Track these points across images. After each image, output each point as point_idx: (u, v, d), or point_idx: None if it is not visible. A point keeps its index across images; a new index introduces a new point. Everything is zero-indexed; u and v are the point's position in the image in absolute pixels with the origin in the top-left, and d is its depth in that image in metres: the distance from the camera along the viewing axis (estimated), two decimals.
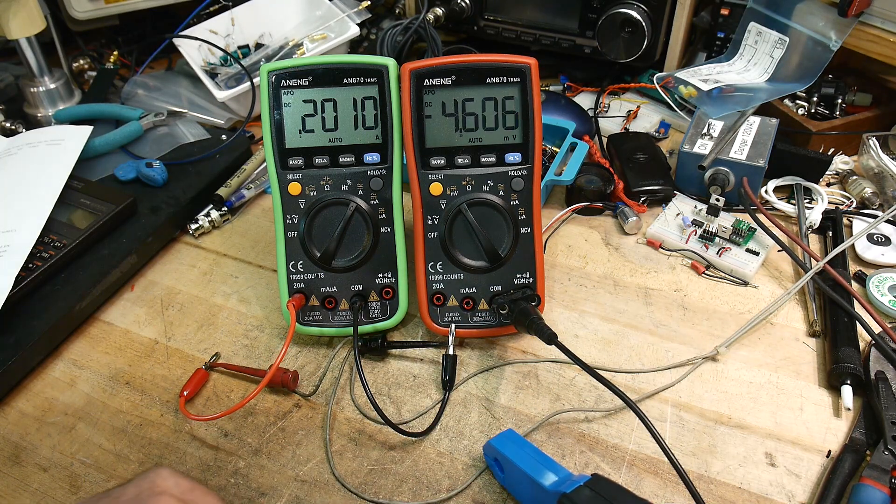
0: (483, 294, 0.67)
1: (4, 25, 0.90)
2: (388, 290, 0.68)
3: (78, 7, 1.04)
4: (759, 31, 0.93)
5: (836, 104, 0.92)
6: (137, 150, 0.90)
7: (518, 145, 0.65)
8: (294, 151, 0.65)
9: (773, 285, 0.75)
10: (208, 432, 0.62)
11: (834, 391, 0.64)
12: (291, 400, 0.65)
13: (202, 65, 1.01)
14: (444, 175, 0.65)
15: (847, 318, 0.67)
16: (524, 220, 0.66)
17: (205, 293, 0.76)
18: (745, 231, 0.77)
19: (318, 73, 0.64)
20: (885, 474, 0.55)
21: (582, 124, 0.94)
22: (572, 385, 0.65)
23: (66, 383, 0.67)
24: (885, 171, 0.82)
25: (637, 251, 0.80)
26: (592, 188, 0.84)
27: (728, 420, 0.62)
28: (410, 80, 0.63)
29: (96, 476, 0.59)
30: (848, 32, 0.86)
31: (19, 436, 0.63)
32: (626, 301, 0.74)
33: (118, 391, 0.66)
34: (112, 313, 0.74)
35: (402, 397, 0.65)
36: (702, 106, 0.88)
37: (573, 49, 1.04)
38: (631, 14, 0.95)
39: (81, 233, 0.75)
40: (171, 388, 0.66)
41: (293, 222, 0.67)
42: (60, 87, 0.99)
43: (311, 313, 0.69)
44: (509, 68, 0.63)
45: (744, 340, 0.69)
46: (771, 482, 0.57)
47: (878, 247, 0.77)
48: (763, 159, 0.80)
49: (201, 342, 0.71)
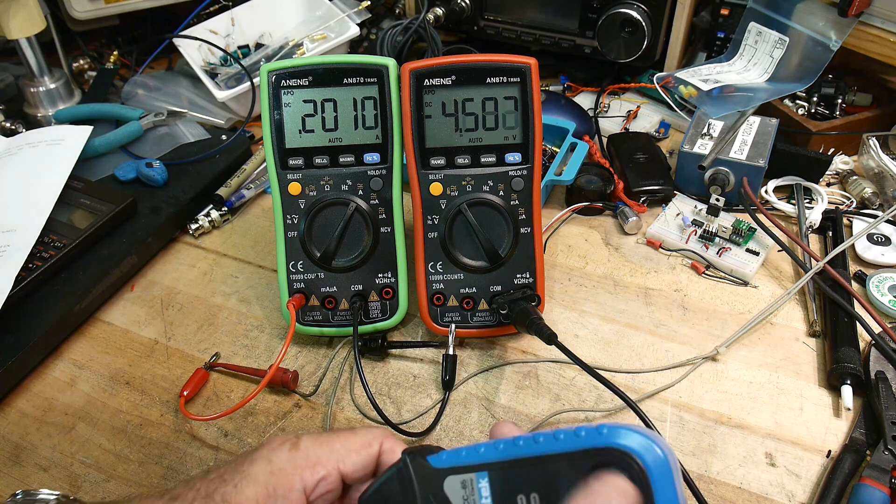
0: (483, 294, 0.67)
1: (4, 25, 0.90)
2: (388, 290, 0.68)
3: (78, 7, 1.04)
4: (759, 31, 0.93)
5: (836, 104, 0.92)
6: (137, 150, 0.90)
7: (518, 145, 0.65)
8: (294, 151, 0.65)
9: (773, 285, 0.75)
10: (208, 432, 0.62)
11: (834, 391, 0.64)
12: (291, 400, 0.65)
13: (202, 65, 1.01)
14: (444, 175, 0.65)
15: (847, 318, 0.67)
16: (524, 220, 0.66)
17: (205, 293, 0.76)
18: (745, 231, 0.77)
19: (318, 73, 0.64)
20: (885, 474, 0.55)
21: (582, 124, 0.94)
22: (572, 385, 0.65)
23: (66, 383, 0.67)
24: (885, 171, 0.82)
25: (637, 251, 0.80)
26: (592, 188, 0.84)
27: (728, 420, 0.62)
28: (410, 80, 0.63)
29: (96, 476, 0.59)
30: (848, 32, 0.86)
31: (19, 436, 0.63)
32: (626, 301, 0.74)
33: (118, 391, 0.66)
34: (112, 313, 0.74)
35: (402, 397, 0.65)
36: (702, 106, 0.88)
37: (573, 49, 1.04)
38: (631, 14, 0.95)
39: (81, 233, 0.75)
40: (171, 388, 0.66)
41: (293, 222, 0.67)
42: (60, 87, 0.98)
43: (311, 313, 0.69)
44: (509, 68, 0.63)
45: (744, 340, 0.69)
46: (771, 482, 0.57)
47: (878, 247, 0.77)
48: (763, 159, 0.80)
49: (201, 342, 0.71)
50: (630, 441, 0.32)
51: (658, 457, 0.32)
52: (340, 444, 0.42)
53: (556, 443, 0.34)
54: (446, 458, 0.38)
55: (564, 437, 0.34)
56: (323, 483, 0.41)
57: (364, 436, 0.43)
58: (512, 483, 0.35)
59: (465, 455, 0.37)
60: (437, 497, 0.37)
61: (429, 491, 0.37)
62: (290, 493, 0.39)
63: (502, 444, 0.36)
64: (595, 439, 0.33)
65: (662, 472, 0.32)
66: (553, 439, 0.34)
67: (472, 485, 0.36)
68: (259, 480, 0.40)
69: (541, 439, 0.35)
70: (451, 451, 0.38)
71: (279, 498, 0.39)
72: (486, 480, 0.36)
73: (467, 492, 0.36)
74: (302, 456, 0.41)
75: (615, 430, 0.33)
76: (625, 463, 0.32)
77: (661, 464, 0.32)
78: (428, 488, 0.37)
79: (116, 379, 0.67)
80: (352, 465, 0.41)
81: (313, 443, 0.42)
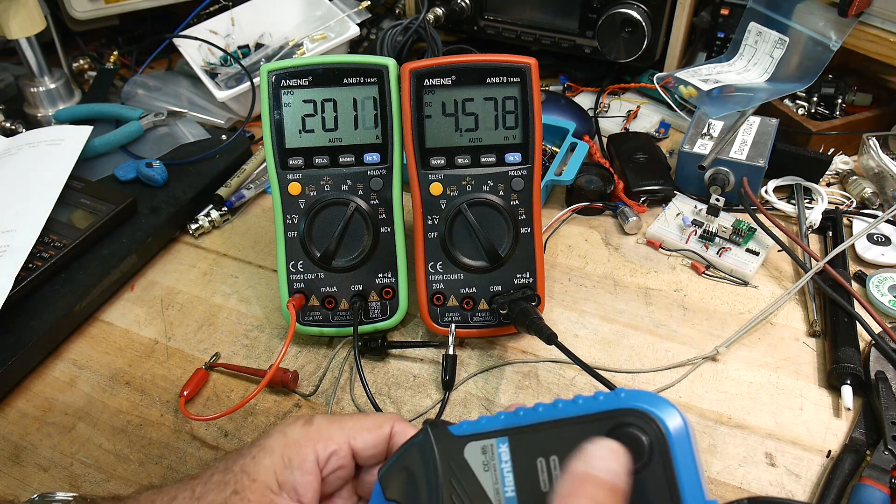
0: (483, 294, 0.67)
1: (4, 25, 0.90)
2: (388, 290, 0.68)
3: (78, 7, 1.04)
4: (759, 31, 0.93)
5: (836, 104, 0.92)
6: (137, 150, 0.90)
7: (518, 145, 0.65)
8: (294, 151, 0.65)
9: (773, 285, 0.75)
10: (208, 432, 0.62)
11: (834, 391, 0.64)
12: (291, 400, 0.65)
13: (202, 65, 1.01)
14: (444, 175, 0.65)
15: (847, 318, 0.67)
16: (524, 220, 0.66)
17: (205, 293, 0.76)
18: (745, 231, 0.77)
19: (318, 73, 0.64)
20: (885, 474, 0.55)
21: (582, 124, 0.94)
22: (572, 385, 0.65)
23: (66, 383, 0.67)
24: (885, 171, 0.82)
25: (637, 251, 0.80)
26: (592, 188, 0.84)
27: (728, 420, 0.62)
28: (410, 80, 0.63)
29: (96, 476, 0.59)
30: (848, 32, 0.86)
31: (19, 436, 0.63)
32: (626, 301, 0.74)
33: (118, 391, 0.66)
34: (112, 313, 0.74)
35: (402, 397, 0.65)
36: (702, 106, 0.88)
37: (573, 49, 1.04)
38: (631, 14, 0.95)
39: (81, 233, 0.75)
40: (171, 388, 0.66)
41: (293, 222, 0.67)
42: (60, 87, 0.98)
43: (311, 313, 0.69)
44: (509, 68, 0.63)
45: (744, 340, 0.69)
46: (771, 482, 0.57)
47: (878, 247, 0.77)
48: (763, 159, 0.80)
49: (201, 342, 0.71)
50: (649, 403, 0.33)
51: (677, 421, 0.32)
52: (352, 423, 0.44)
53: (574, 407, 0.35)
54: (466, 427, 0.38)
55: (583, 401, 0.34)
56: (335, 457, 0.42)
57: (375, 418, 0.44)
58: (531, 447, 0.36)
59: (486, 423, 0.38)
60: (457, 463, 0.37)
61: (449, 457, 0.38)
62: (305, 464, 0.41)
63: (522, 412, 0.37)
64: (614, 401, 0.33)
65: (681, 436, 0.32)
66: (572, 404, 0.35)
67: (493, 450, 0.37)
68: (275, 451, 0.42)
69: (560, 405, 0.35)
70: (470, 421, 0.39)
71: (294, 468, 0.41)
72: (506, 445, 0.36)
73: (487, 457, 0.37)
74: (315, 430, 0.43)
75: (634, 392, 0.33)
76: (644, 424, 0.32)
77: (679, 427, 0.32)
78: (448, 455, 0.38)
79: (116, 379, 0.67)
80: (363, 442, 0.43)
81: (326, 420, 0.44)
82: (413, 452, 0.39)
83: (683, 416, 0.32)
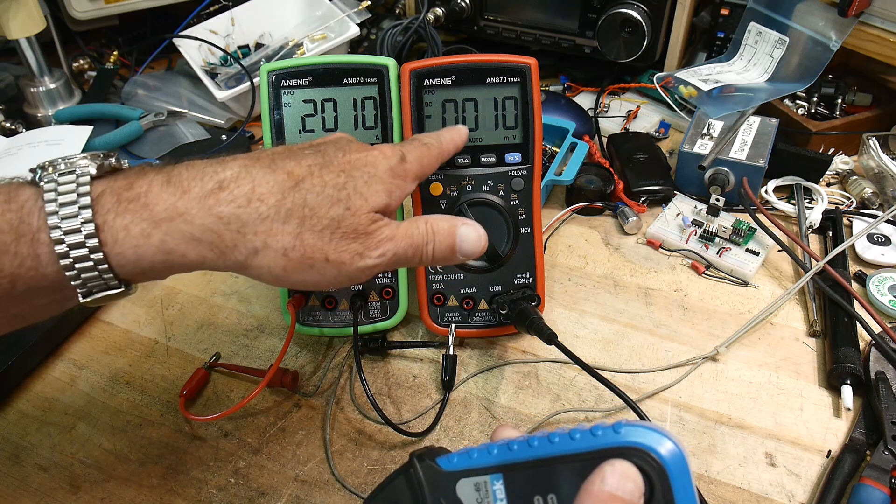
0: (483, 294, 0.67)
1: (4, 25, 0.90)
2: (388, 290, 0.68)
3: (78, 7, 1.04)
4: (759, 31, 0.93)
5: (836, 104, 0.92)
6: (137, 150, 0.90)
7: (518, 145, 0.65)
8: None
9: (773, 285, 0.75)
10: (208, 432, 0.62)
11: (834, 391, 0.64)
12: (291, 400, 0.65)
13: (202, 65, 1.01)
14: (444, 175, 0.65)
15: (847, 318, 0.67)
16: (524, 220, 0.66)
17: (205, 293, 0.76)
18: (745, 231, 0.77)
19: (318, 73, 0.64)
20: (885, 474, 0.55)
21: (582, 124, 0.94)
22: (572, 385, 0.65)
23: (66, 383, 0.67)
24: (885, 171, 0.82)
25: (637, 251, 0.80)
26: (592, 188, 0.84)
27: (728, 420, 0.62)
28: (410, 80, 0.63)
29: (96, 476, 0.59)
30: (848, 32, 0.86)
31: (19, 436, 0.63)
32: (626, 301, 0.74)
33: (118, 391, 0.66)
34: (112, 313, 0.74)
35: (402, 397, 0.65)
36: (702, 106, 0.88)
37: (573, 49, 1.04)
38: (631, 14, 0.95)
39: None
40: (171, 388, 0.66)
41: None
42: (60, 87, 0.99)
43: (311, 313, 0.68)
44: (509, 68, 0.63)
45: (744, 340, 0.69)
46: (771, 482, 0.57)
47: (878, 247, 0.77)
48: (763, 159, 0.80)
49: (201, 342, 0.71)
50: (648, 440, 0.33)
51: (676, 455, 0.32)
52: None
53: (572, 443, 0.34)
54: (457, 461, 0.37)
55: (581, 436, 0.34)
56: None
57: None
58: (527, 484, 0.35)
59: (477, 457, 0.37)
60: (449, 500, 0.37)
61: (441, 495, 0.37)
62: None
63: (515, 445, 0.36)
64: (612, 438, 0.33)
65: (681, 469, 0.32)
66: (569, 439, 0.34)
67: (487, 487, 0.36)
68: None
69: (556, 439, 0.34)
70: (460, 453, 0.38)
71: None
72: (501, 482, 0.36)
73: (481, 494, 0.36)
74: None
75: (632, 428, 0.33)
76: (644, 461, 0.32)
77: (679, 461, 0.32)
78: (440, 492, 0.37)
79: (116, 379, 0.67)
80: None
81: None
82: (401, 485, 0.38)
83: (679, 444, 0.33)
